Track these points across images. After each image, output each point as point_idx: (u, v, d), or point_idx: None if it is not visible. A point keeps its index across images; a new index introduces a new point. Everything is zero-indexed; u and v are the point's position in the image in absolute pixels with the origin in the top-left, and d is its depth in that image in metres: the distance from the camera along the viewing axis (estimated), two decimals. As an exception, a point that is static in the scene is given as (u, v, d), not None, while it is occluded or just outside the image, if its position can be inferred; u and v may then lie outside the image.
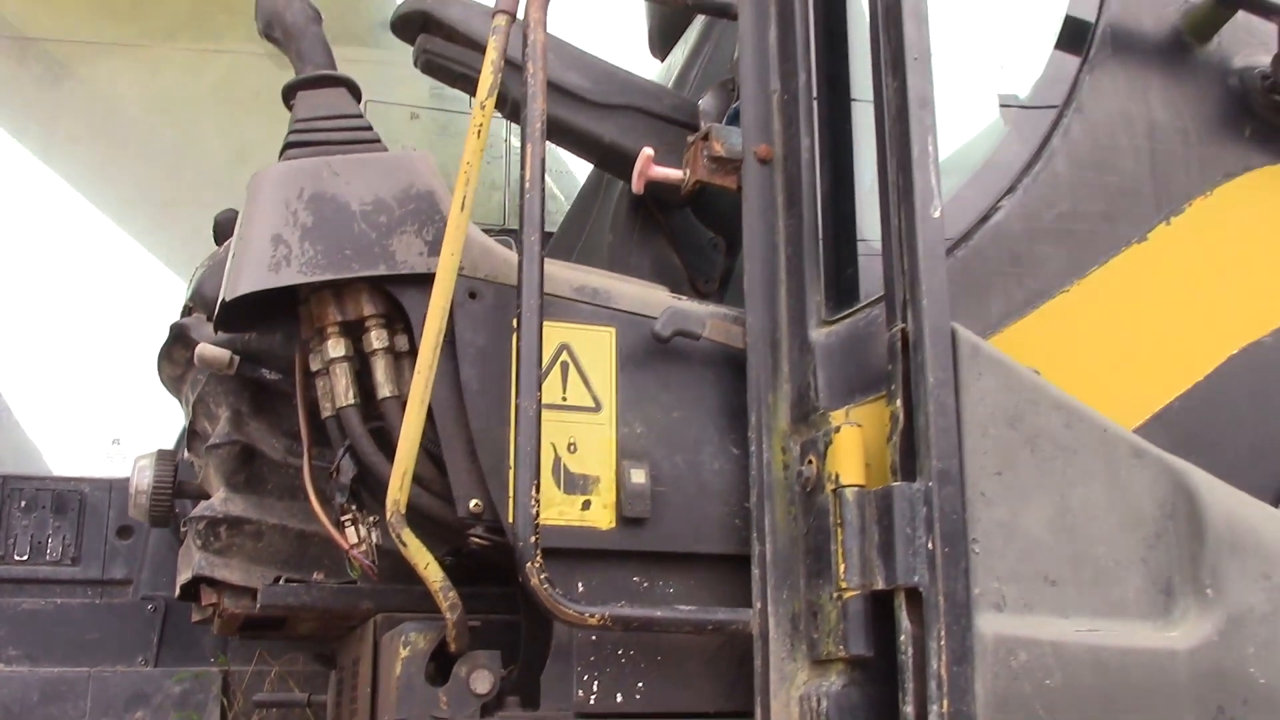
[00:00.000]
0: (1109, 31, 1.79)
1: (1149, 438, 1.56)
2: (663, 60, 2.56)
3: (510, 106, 1.75)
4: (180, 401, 2.03)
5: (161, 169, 2.97)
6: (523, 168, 1.51)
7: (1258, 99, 1.80)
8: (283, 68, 1.91)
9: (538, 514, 1.42)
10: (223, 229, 2.12)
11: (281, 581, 1.76)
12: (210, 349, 1.71)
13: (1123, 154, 1.74)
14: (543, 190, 1.51)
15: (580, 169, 2.78)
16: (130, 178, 2.97)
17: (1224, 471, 1.56)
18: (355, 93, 1.65)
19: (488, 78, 1.51)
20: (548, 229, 1.76)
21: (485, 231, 1.64)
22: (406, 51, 1.94)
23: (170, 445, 2.31)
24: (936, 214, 1.44)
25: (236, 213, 1.79)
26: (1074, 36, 1.80)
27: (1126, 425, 1.59)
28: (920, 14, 1.51)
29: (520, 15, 1.56)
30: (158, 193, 2.93)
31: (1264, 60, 1.80)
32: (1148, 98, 1.78)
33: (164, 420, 2.71)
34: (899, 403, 1.42)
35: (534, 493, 1.42)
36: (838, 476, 1.44)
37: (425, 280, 1.49)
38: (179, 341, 1.87)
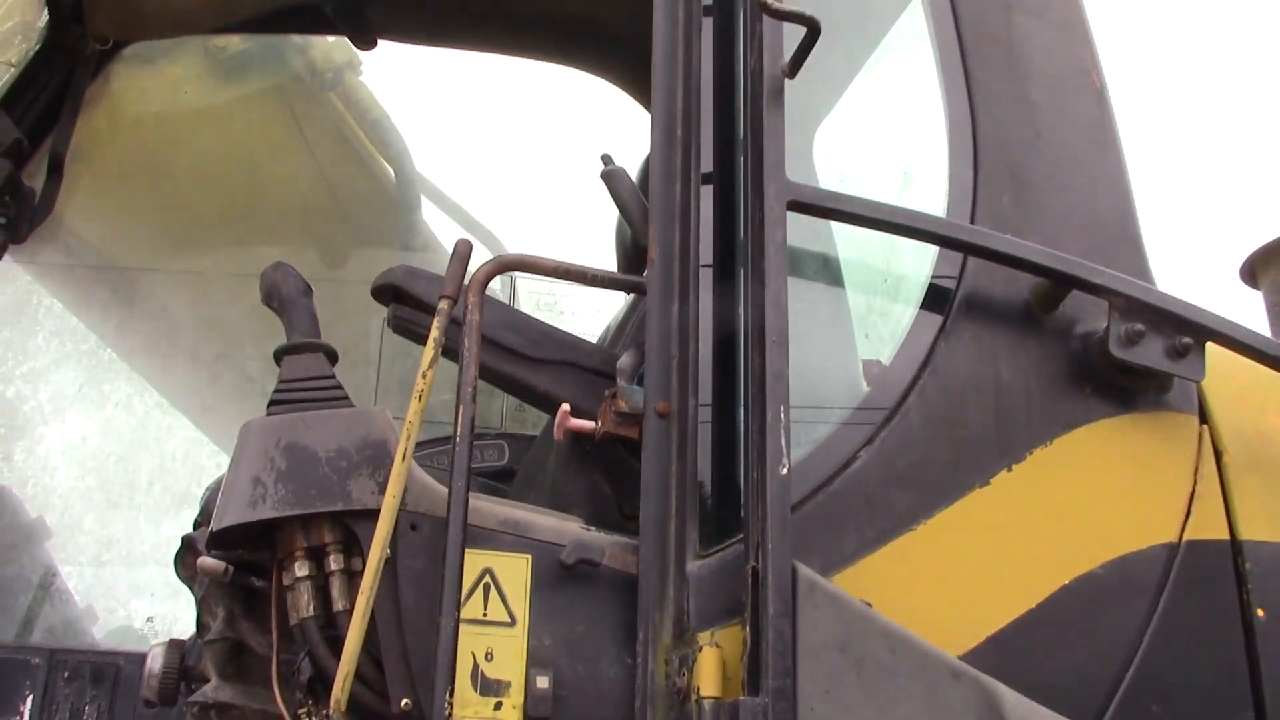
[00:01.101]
0: (965, 301, 2.13)
1: (981, 660, 1.84)
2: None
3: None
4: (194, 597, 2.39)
5: (206, 376, 3.43)
6: (455, 424, 1.87)
7: (1095, 360, 2.11)
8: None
9: (450, 713, 1.73)
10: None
11: None
12: (209, 560, 2.05)
13: (971, 410, 2.05)
14: (470, 443, 1.87)
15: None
16: (180, 384, 3.44)
17: (1049, 694, 1.82)
18: (332, 357, 2.03)
19: (429, 353, 1.89)
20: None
21: (481, 434, 1.98)
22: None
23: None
24: (784, 471, 1.77)
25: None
26: (935, 302, 2.14)
27: (962, 648, 1.88)
28: (779, 302, 1.86)
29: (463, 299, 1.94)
30: (199, 399, 3.40)
31: (1101, 326, 2.12)
32: (997, 360, 2.10)
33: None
34: (748, 629, 1.73)
35: (448, 696, 1.74)
36: (699, 689, 1.75)
37: (375, 514, 1.84)
38: (188, 550, 2.24)
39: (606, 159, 2.37)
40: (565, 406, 2.02)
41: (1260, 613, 2.09)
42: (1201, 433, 2.18)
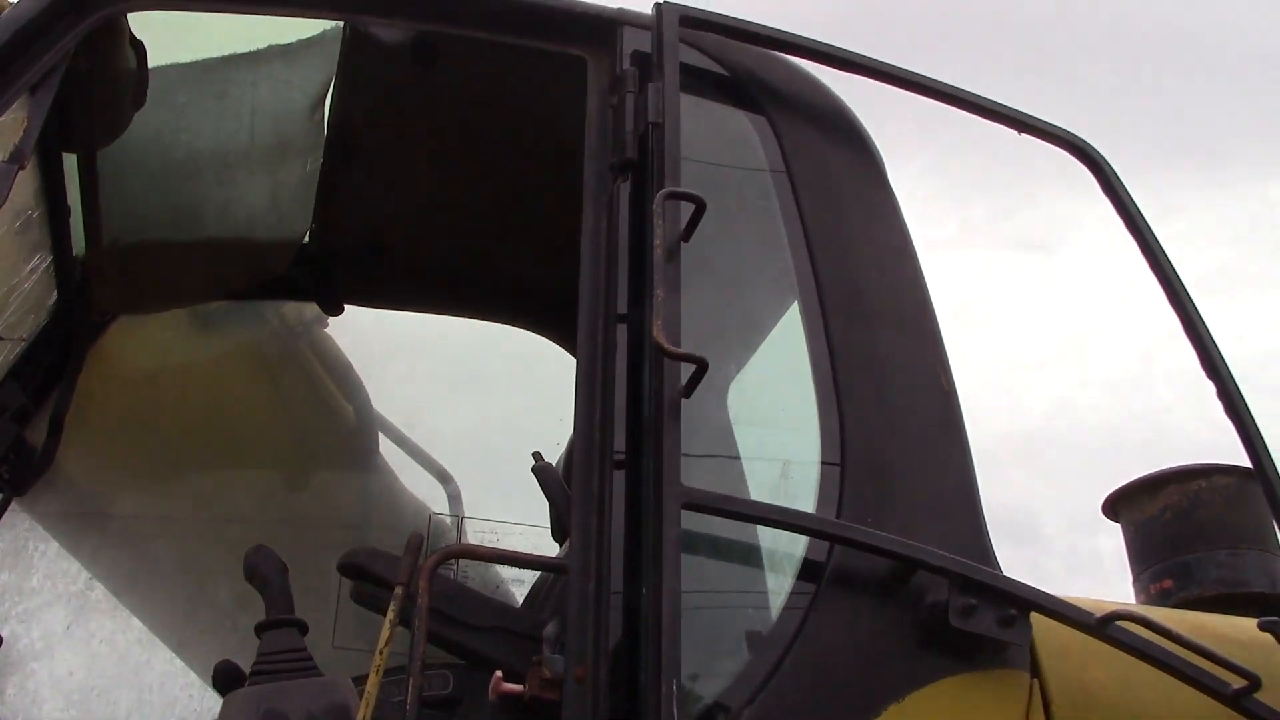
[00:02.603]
0: (833, 576, 2.57)
1: None
2: (561, 544, 3.36)
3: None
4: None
5: (182, 612, 3.81)
6: (407, 691, 2.26)
7: (940, 627, 2.55)
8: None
9: None
10: (219, 678, 2.85)
11: None
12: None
13: (837, 672, 2.46)
14: (418, 710, 2.25)
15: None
16: (159, 619, 3.81)
17: None
18: (303, 630, 2.43)
19: (385, 633, 2.30)
20: None
21: (429, 665, 2.34)
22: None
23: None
24: (675, 729, 2.18)
25: (232, 664, 2.55)
26: (808, 577, 2.57)
27: None
28: (674, 592, 2.28)
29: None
30: (176, 633, 3.76)
31: (944, 598, 2.55)
32: (858, 628, 2.52)
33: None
34: None
35: None
36: None
37: (337, 770, 2.22)
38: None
39: (537, 455, 2.82)
40: (498, 673, 2.42)
41: None
42: (1032, 685, 2.60)
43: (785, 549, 2.63)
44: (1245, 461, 2.96)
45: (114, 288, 3.59)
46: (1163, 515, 3.96)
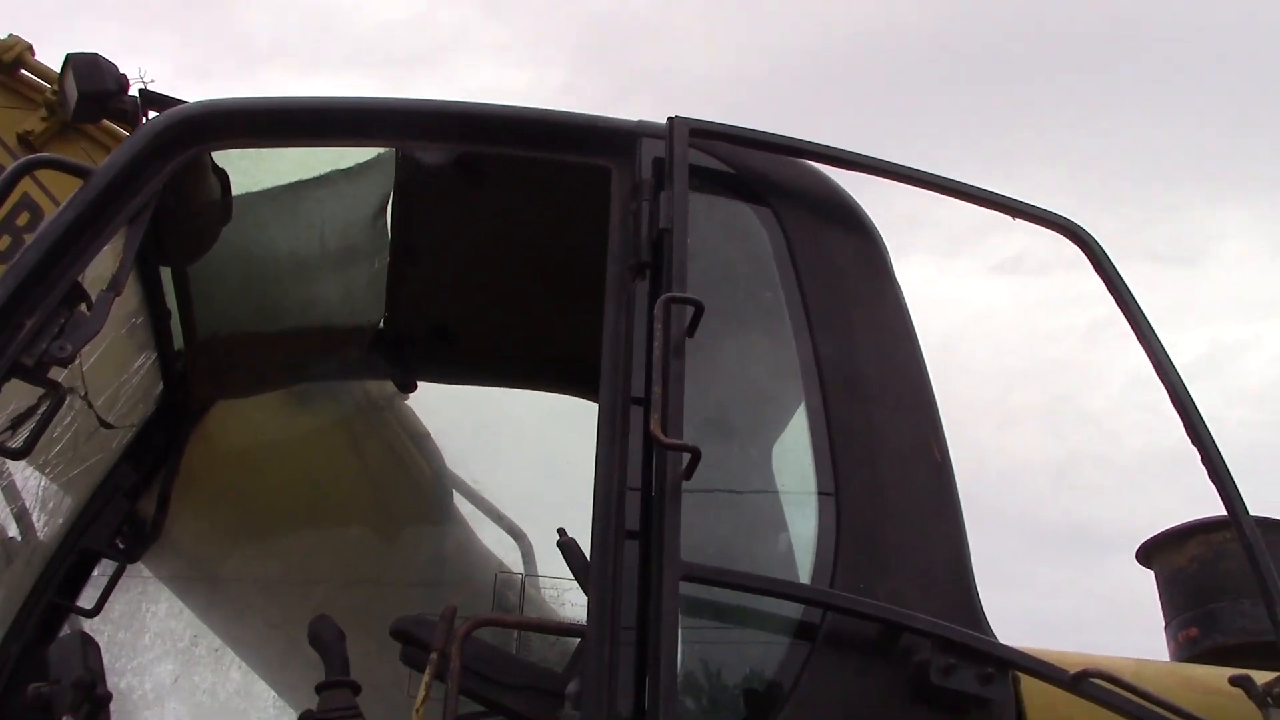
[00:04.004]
0: (825, 638, 2.83)
1: None
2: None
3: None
4: None
5: (276, 667, 4.28)
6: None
7: (924, 684, 2.79)
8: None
9: None
10: None
11: None
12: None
13: (827, 723, 2.75)
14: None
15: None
16: (256, 672, 4.30)
17: None
18: (356, 689, 2.81)
19: (421, 693, 2.65)
20: None
21: None
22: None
23: None
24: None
25: (315, 713, 2.94)
26: (802, 638, 2.84)
27: None
28: (670, 659, 2.59)
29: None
30: (271, 683, 4.23)
31: (928, 659, 2.81)
32: (848, 686, 2.78)
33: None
34: None
35: None
36: None
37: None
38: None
39: (561, 532, 3.16)
40: (534, 732, 2.77)
41: None
42: (1017, 738, 2.84)
43: (783, 615, 2.91)
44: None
45: (211, 377, 4.06)
46: (1190, 566, 4.12)
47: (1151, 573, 4.33)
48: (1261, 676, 2.93)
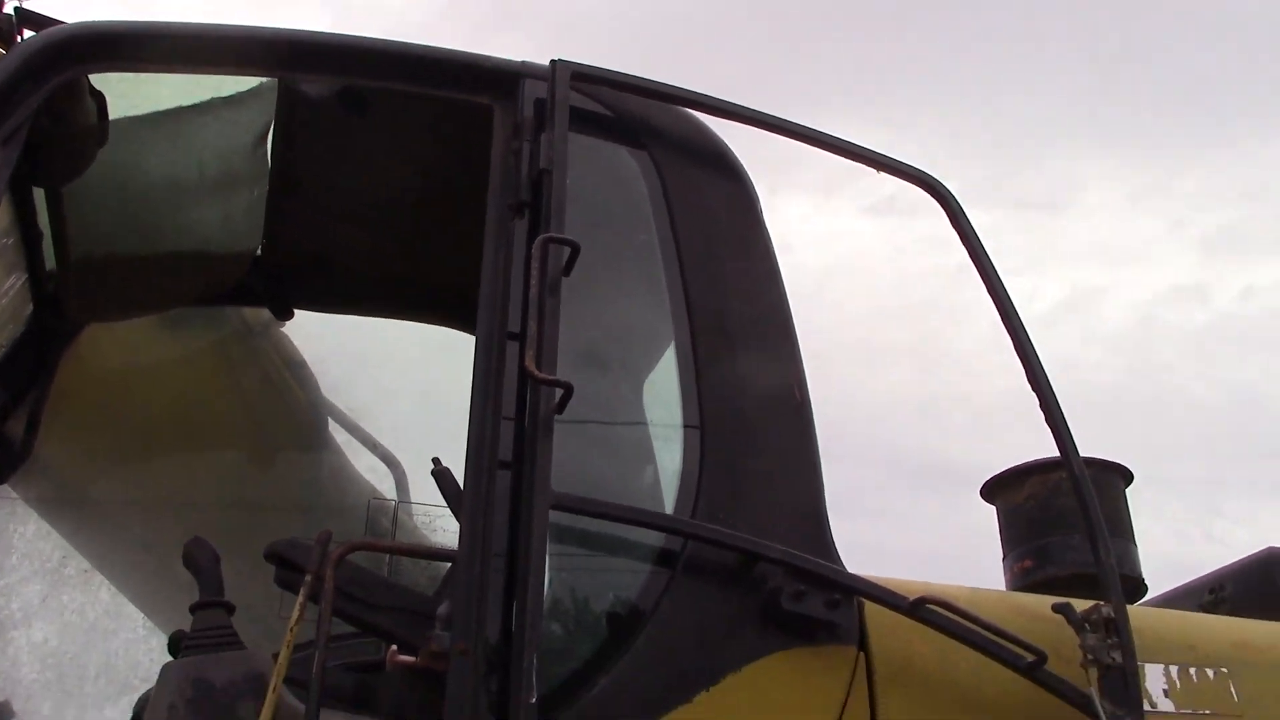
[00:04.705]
0: (685, 565, 3.00)
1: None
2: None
3: None
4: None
5: (145, 587, 4.31)
6: (315, 665, 2.71)
7: (776, 609, 2.99)
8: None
9: None
10: (174, 646, 3.31)
11: None
12: (139, 756, 2.87)
13: (683, 647, 2.90)
14: (322, 679, 2.69)
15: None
16: (125, 592, 4.32)
17: None
18: (230, 610, 2.88)
19: (295, 614, 2.74)
20: None
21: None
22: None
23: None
24: (533, 700, 2.62)
25: (185, 633, 3.00)
26: (663, 565, 3.01)
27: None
28: (538, 584, 2.72)
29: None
30: (141, 604, 4.25)
31: (779, 585, 3.00)
32: (705, 609, 2.96)
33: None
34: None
35: None
36: None
37: (256, 729, 2.67)
38: (124, 745, 3.05)
39: (436, 461, 3.26)
40: (393, 647, 2.87)
41: (891, 794, 2.94)
42: (858, 658, 3.04)
43: (646, 543, 3.06)
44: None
45: (84, 300, 4.03)
46: (1028, 503, 4.40)
47: (994, 508, 4.62)
48: (1083, 605, 3.20)
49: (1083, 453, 3.38)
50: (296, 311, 4.56)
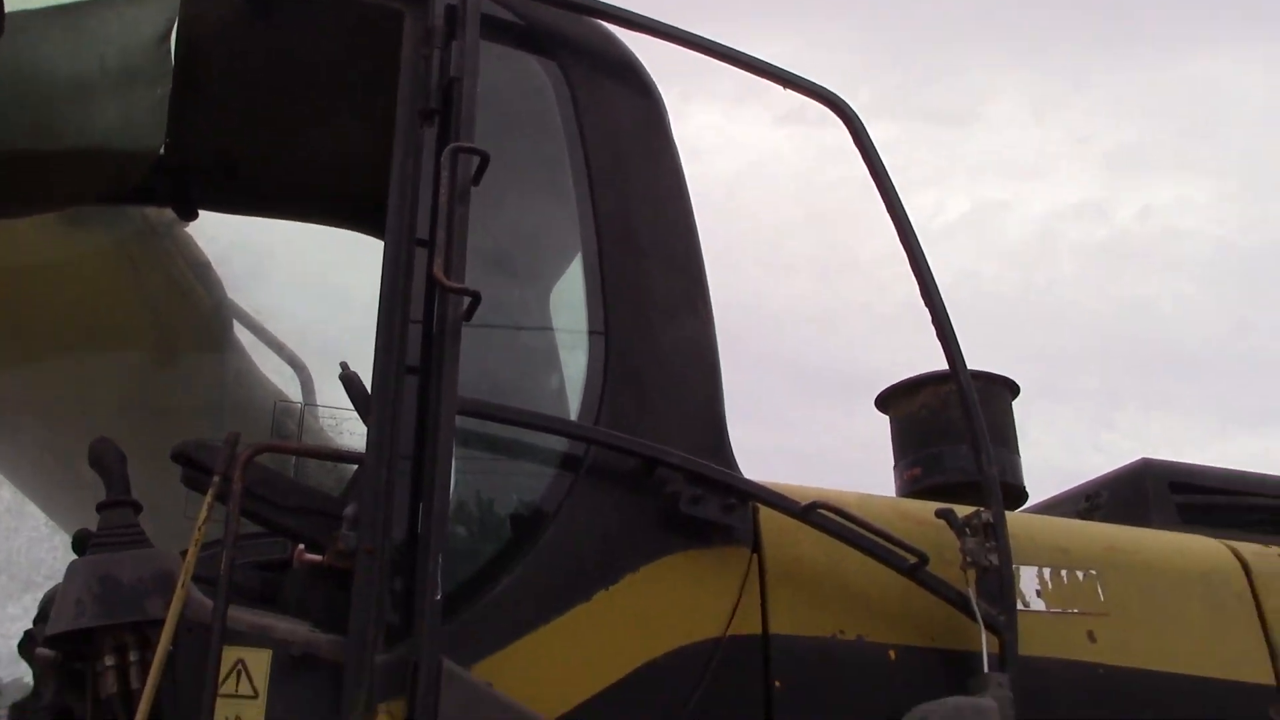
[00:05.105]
0: (589, 470, 3.10)
1: (570, 720, 2.81)
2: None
3: None
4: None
5: (48, 486, 4.29)
6: (221, 563, 2.76)
7: (674, 512, 3.11)
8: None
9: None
10: (78, 543, 3.33)
11: None
12: (44, 650, 2.89)
13: (584, 548, 3.02)
14: (229, 578, 2.75)
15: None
16: (28, 492, 4.29)
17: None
18: (138, 509, 2.91)
19: (202, 514, 2.79)
20: None
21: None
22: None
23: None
24: (437, 598, 2.71)
25: (90, 531, 3.03)
26: (567, 469, 3.11)
27: (557, 713, 2.83)
28: (445, 483, 2.80)
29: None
30: (43, 504, 4.25)
31: (678, 489, 3.11)
32: (606, 512, 3.06)
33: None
34: (409, 701, 2.66)
35: (208, 744, 2.63)
36: (376, 739, 2.67)
37: (162, 623, 2.72)
38: (30, 641, 3.07)
39: (344, 365, 3.30)
40: (300, 546, 2.93)
41: (778, 684, 3.10)
42: (752, 559, 3.18)
43: (551, 448, 3.15)
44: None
45: (-21, 194, 3.94)
46: (920, 413, 4.58)
47: (888, 418, 4.79)
48: (965, 510, 3.37)
49: (979, 365, 3.54)
50: (201, 212, 4.51)
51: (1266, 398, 19.03)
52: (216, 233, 4.71)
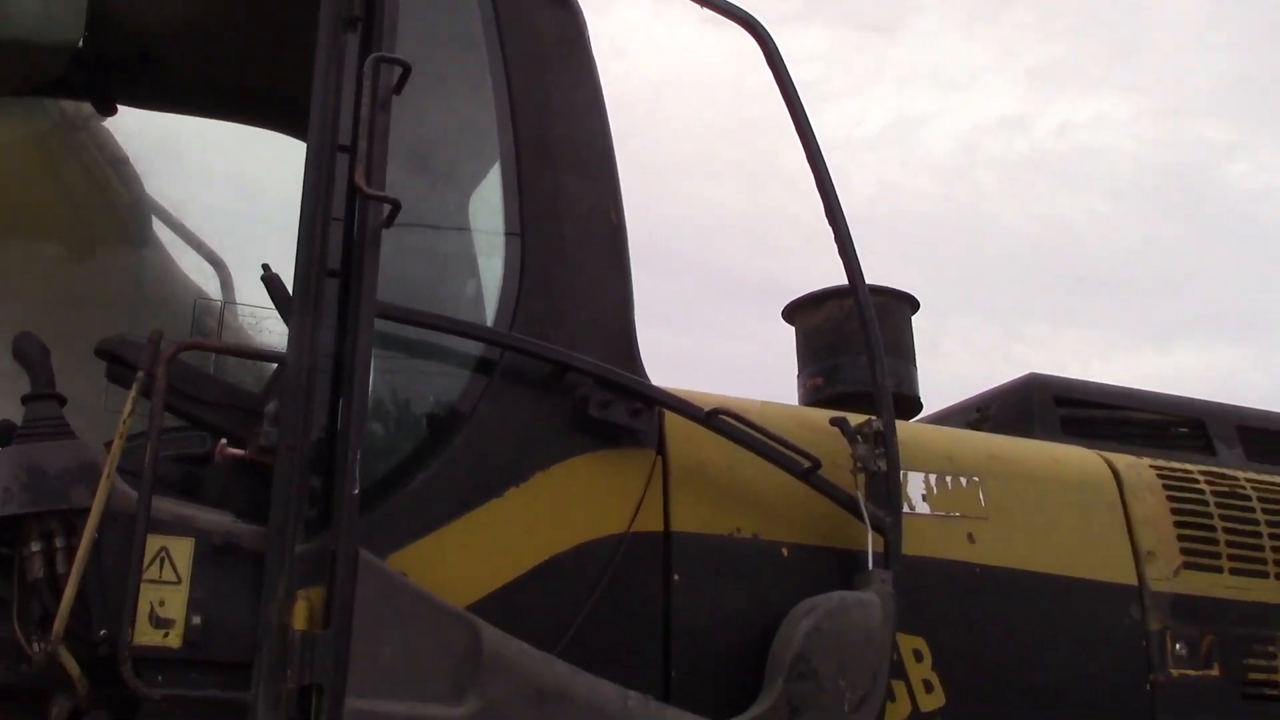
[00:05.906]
0: (503, 373, 3.24)
1: (481, 609, 2.97)
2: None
3: None
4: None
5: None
6: (147, 455, 2.86)
7: (584, 415, 3.26)
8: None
9: (131, 640, 2.75)
10: (3, 434, 3.40)
11: None
12: (-29, 539, 2.99)
13: (498, 446, 3.16)
14: (154, 469, 2.86)
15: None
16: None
17: (524, 630, 2.95)
18: (62, 402, 2.99)
19: (127, 408, 2.88)
20: None
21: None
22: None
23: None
24: (355, 492, 2.84)
25: (11, 423, 3.11)
26: (482, 373, 3.25)
27: (468, 601, 3.00)
28: (363, 390, 2.92)
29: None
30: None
31: (588, 394, 3.27)
32: (520, 413, 3.21)
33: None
34: (326, 588, 2.81)
35: (131, 627, 2.75)
36: (294, 625, 2.82)
37: (88, 511, 2.82)
38: (-46, 527, 3.16)
39: (266, 267, 3.38)
40: (223, 440, 3.05)
41: (677, 577, 3.30)
42: (656, 461, 3.36)
43: (466, 352, 3.28)
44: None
45: (-107, 83, 3.90)
46: (824, 325, 4.78)
47: (794, 329, 4.98)
48: (858, 419, 3.58)
49: (898, 277, 3.73)
50: (120, 107, 4.49)
51: (1174, 314, 19.65)
52: (134, 129, 4.70)
